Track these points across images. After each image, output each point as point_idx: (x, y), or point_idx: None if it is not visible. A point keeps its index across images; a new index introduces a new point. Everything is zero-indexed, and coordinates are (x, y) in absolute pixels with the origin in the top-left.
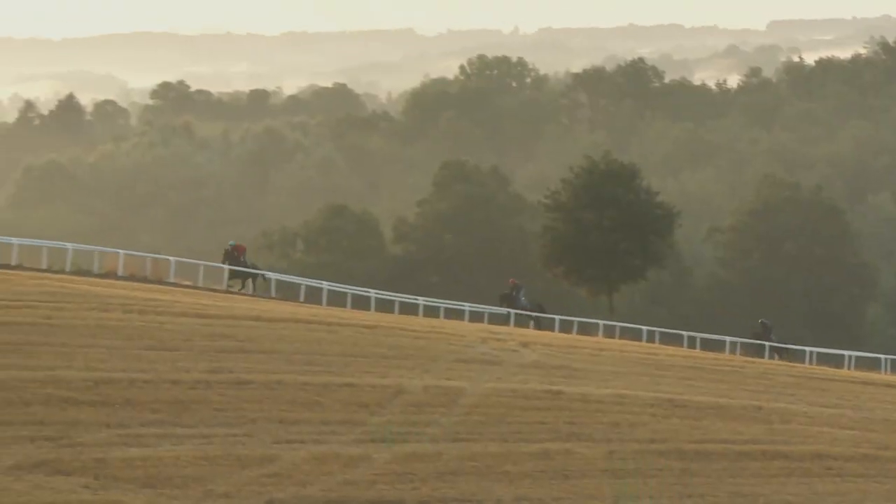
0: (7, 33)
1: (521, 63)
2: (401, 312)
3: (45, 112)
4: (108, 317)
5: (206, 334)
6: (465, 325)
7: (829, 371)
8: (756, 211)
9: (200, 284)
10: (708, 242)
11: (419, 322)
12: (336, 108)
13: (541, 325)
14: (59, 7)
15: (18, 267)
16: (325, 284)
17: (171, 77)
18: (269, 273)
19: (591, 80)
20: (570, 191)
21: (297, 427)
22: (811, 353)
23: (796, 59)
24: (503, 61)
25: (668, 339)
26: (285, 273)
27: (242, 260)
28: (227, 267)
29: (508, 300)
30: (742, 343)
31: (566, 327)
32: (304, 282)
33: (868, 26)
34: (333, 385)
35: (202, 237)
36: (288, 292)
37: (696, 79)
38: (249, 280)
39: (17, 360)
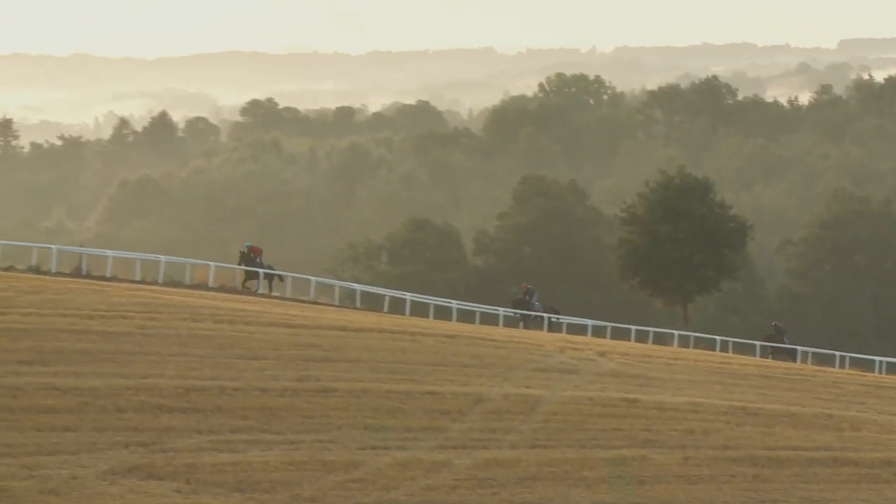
0: (102, 53)
1: (598, 81)
2: (482, 322)
3: (139, 129)
4: (199, 327)
5: (294, 344)
6: (543, 335)
7: None
8: (827, 223)
9: (288, 295)
10: (780, 254)
11: (499, 332)
12: (419, 124)
13: (552, 327)
14: (152, 27)
15: (113, 279)
16: (408, 295)
17: (260, 95)
18: (286, 273)
19: (666, 97)
20: (645, 204)
21: (382, 434)
22: (841, 357)
23: (866, 76)
24: (581, 79)
25: (741, 349)
26: (370, 284)
27: (258, 261)
28: (241, 267)
29: (522, 304)
30: (813, 353)
31: (642, 337)
32: (388, 293)
33: None
34: (416, 393)
35: (290, 249)
36: (372, 303)
37: (769, 96)
38: (266, 280)
39: (111, 369)
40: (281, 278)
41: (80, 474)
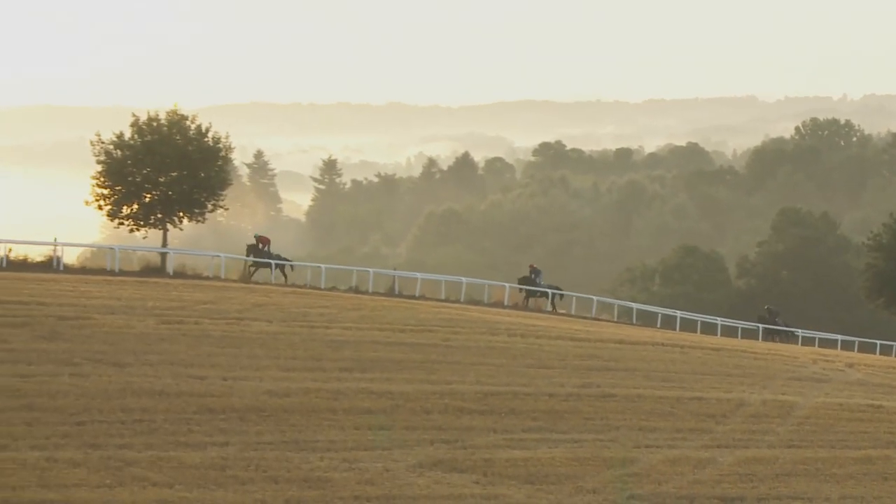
0: (413, 102)
1: (849, 125)
2: (743, 337)
3: (445, 168)
4: (495, 339)
5: (578, 355)
6: (798, 349)
7: None
8: None
9: (573, 312)
10: None
11: (759, 345)
12: (689, 163)
13: (555, 305)
14: (457, 79)
15: (421, 297)
16: (678, 313)
17: (550, 138)
18: (297, 262)
19: None
20: (890, 233)
21: (654, 434)
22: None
23: None
24: (832, 123)
25: None
26: (645, 303)
27: (267, 251)
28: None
29: (528, 282)
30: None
31: (886, 351)
32: (661, 311)
33: None
34: (685, 398)
35: (574, 272)
36: (647, 319)
37: None
38: (278, 270)
39: (420, 376)
40: (292, 267)
41: (392, 467)
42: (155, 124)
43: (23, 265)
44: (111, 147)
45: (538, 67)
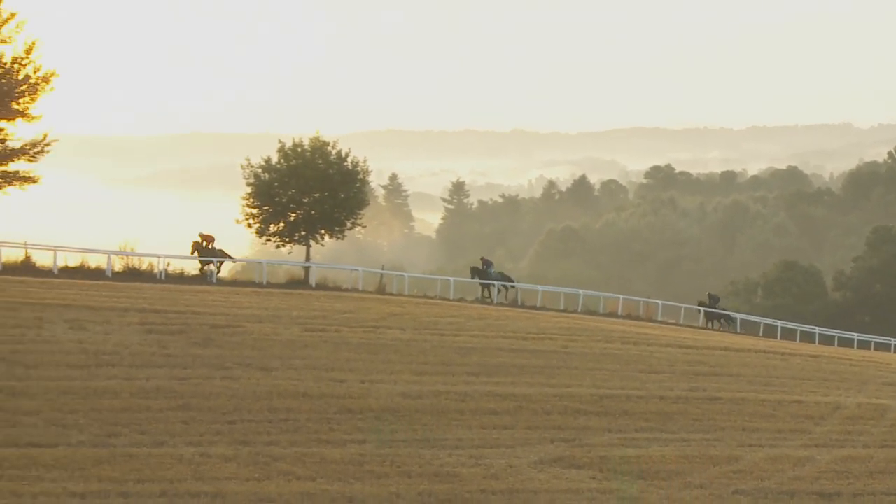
0: (535, 129)
1: None
2: (839, 345)
3: (563, 189)
4: (610, 347)
5: (686, 361)
6: (891, 356)
7: None
8: None
9: (681, 322)
10: None
11: (854, 353)
12: (789, 185)
13: (507, 295)
14: (574, 107)
15: (542, 308)
16: (779, 323)
17: (660, 162)
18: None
19: None
20: None
21: (757, 434)
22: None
23: None
24: None
25: None
26: (748, 314)
27: (212, 248)
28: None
29: (479, 273)
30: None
31: None
32: (763, 321)
33: None
34: (785, 402)
35: (683, 286)
36: (750, 329)
37: None
38: (221, 264)
39: (541, 380)
40: (234, 261)
41: (516, 463)
42: (299, 150)
43: (180, 278)
44: (260, 170)
45: (649, 97)
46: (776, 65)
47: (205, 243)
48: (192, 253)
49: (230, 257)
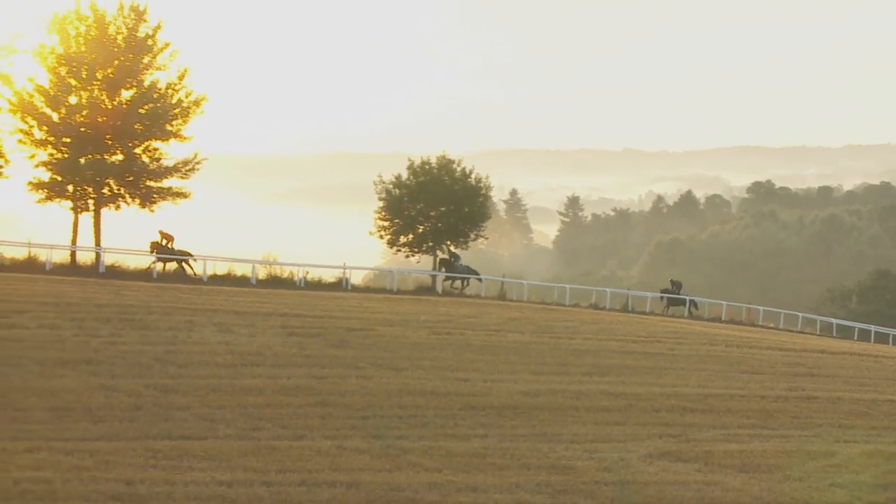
0: (644, 147)
1: None
2: None
3: (671, 203)
4: (713, 349)
5: (785, 363)
6: None
7: None
8: None
9: (781, 327)
10: None
11: None
12: (883, 199)
13: (464, 286)
14: (681, 127)
15: (651, 313)
16: (872, 327)
17: (762, 178)
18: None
19: None
20: None
21: (852, 431)
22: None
23: None
24: None
25: None
26: (843, 319)
27: (170, 247)
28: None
29: (447, 264)
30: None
31: None
32: (857, 325)
33: None
34: (879, 401)
35: (782, 293)
36: (845, 333)
37: None
38: (184, 263)
39: (650, 379)
40: (194, 259)
41: (626, 457)
42: (427, 167)
43: (318, 285)
44: (391, 186)
45: (751, 117)
46: (871, 86)
47: (164, 242)
48: (151, 252)
49: (191, 255)
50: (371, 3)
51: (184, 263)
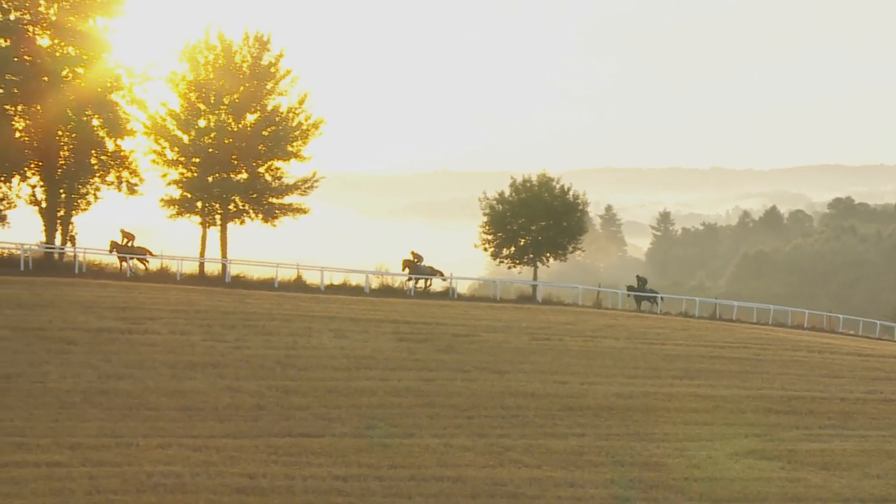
0: (731, 166)
1: None
2: None
3: (756, 218)
4: (797, 355)
5: (864, 367)
6: None
7: None
8: None
9: (860, 334)
10: None
11: None
12: None
13: (427, 285)
14: (766, 146)
15: (737, 321)
16: None
17: (842, 194)
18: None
19: None
20: None
21: None
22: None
23: None
24: None
25: None
26: None
27: (131, 246)
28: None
29: (411, 265)
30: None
31: None
32: None
33: None
34: None
35: (861, 302)
36: None
37: None
38: (144, 261)
39: (736, 383)
40: (149, 259)
41: (714, 455)
42: (528, 185)
43: (426, 294)
44: (495, 203)
45: (832, 137)
46: None
47: (125, 241)
48: (111, 251)
49: (150, 253)
50: (476, 36)
51: (140, 261)
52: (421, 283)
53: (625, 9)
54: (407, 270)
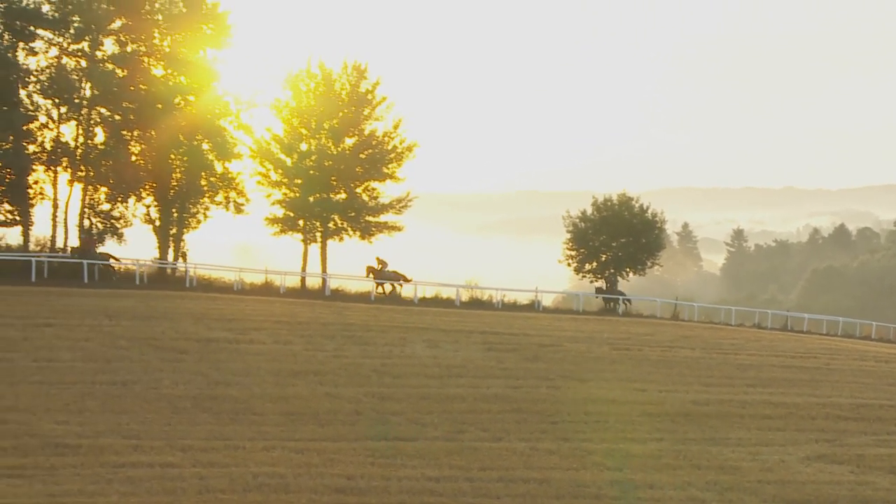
0: (803, 185)
1: None
2: None
3: (826, 235)
4: (865, 364)
5: None
6: None
7: None
8: None
9: None
10: None
11: None
12: None
13: (395, 289)
14: (836, 167)
15: (808, 332)
16: None
17: None
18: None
19: None
20: None
21: None
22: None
23: None
24: None
25: None
26: None
27: (93, 251)
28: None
29: (374, 271)
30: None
31: None
32: None
33: None
34: None
35: None
36: None
37: None
38: (108, 266)
39: (807, 391)
40: (119, 261)
41: (786, 459)
42: (609, 204)
43: (513, 307)
44: (577, 220)
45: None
46: None
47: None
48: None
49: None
50: (563, 65)
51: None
52: (388, 287)
53: (704, 37)
54: (371, 276)
